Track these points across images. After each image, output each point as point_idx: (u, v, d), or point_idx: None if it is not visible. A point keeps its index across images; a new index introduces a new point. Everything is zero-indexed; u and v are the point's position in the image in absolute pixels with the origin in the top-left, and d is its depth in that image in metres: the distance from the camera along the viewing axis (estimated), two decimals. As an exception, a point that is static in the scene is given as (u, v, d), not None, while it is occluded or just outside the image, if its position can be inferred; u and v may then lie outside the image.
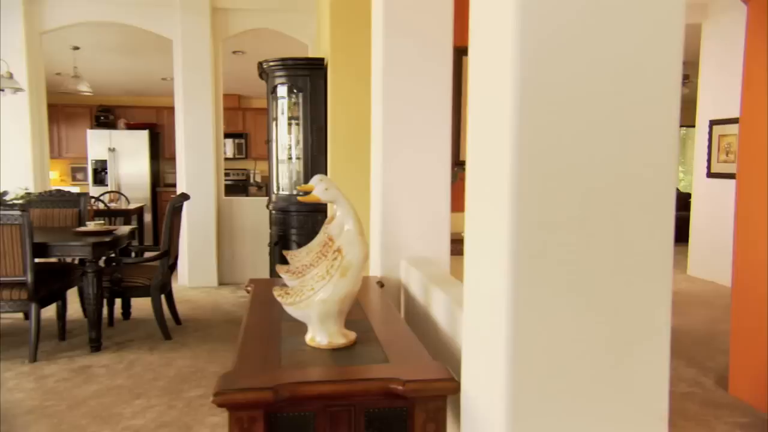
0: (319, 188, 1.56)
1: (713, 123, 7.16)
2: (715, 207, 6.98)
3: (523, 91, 1.04)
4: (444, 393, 1.35)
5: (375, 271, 2.60)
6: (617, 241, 1.09)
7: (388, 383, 1.33)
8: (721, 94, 6.97)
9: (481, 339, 1.25)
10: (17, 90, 4.82)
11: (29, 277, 4.02)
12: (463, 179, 4.94)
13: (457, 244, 2.93)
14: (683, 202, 8.58)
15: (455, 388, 1.36)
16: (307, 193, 1.61)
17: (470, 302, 1.32)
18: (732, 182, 6.45)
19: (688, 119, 7.99)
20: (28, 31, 5.91)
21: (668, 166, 1.11)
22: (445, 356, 1.81)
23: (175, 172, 6.87)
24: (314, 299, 1.50)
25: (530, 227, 1.07)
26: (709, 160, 7.28)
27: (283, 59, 5.09)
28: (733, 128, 6.76)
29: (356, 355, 1.52)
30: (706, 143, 7.29)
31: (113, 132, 9.79)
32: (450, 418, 1.48)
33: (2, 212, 3.93)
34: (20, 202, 4.55)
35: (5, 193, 4.60)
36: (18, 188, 5.50)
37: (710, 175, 7.27)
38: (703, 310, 5.60)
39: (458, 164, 4.59)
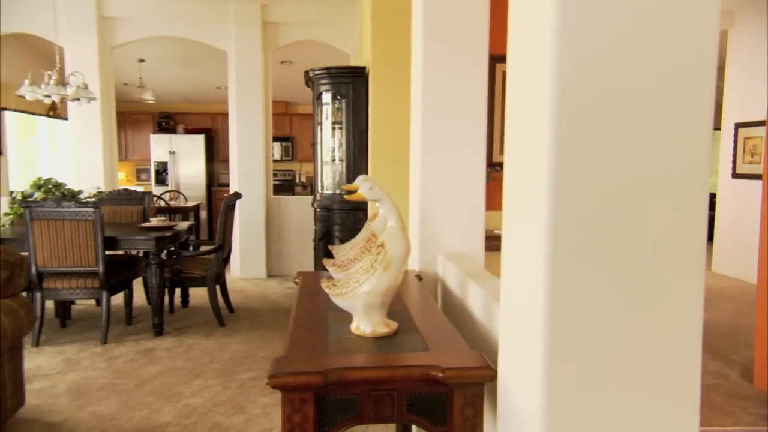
0: (364, 187, 1.56)
1: (738, 126, 6.94)
2: (740, 206, 6.79)
3: (561, 94, 1.02)
4: (481, 380, 1.34)
5: (414, 265, 2.59)
6: (652, 238, 1.06)
7: (428, 370, 1.32)
8: (746, 97, 6.77)
9: (518, 331, 1.23)
10: (91, 99, 4.96)
11: (101, 268, 4.12)
12: (496, 179, 4.92)
13: (490, 241, 2.91)
14: (709, 201, 8.30)
15: (492, 376, 1.34)
16: (352, 192, 1.61)
17: (507, 296, 1.30)
18: (756, 183, 6.27)
19: (713, 122, 7.74)
20: (101, 46, 6.07)
21: (701, 168, 1.07)
22: (481, 346, 1.79)
23: (228, 173, 6.96)
24: (359, 291, 1.50)
25: (567, 225, 1.04)
26: (734, 162, 7.06)
27: (327, 68, 5.10)
28: (758, 131, 6.57)
29: (398, 343, 1.51)
30: (732, 145, 7.07)
31: (173, 136, 9.92)
32: (487, 404, 1.46)
33: (78, 209, 4.04)
34: (93, 200, 4.67)
35: (80, 191, 4.73)
36: (91, 187, 5.66)
37: (735, 175, 7.05)
38: (728, 305, 5.41)
39: (491, 165, 4.54)
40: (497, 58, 2.73)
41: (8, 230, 4.42)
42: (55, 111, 8.02)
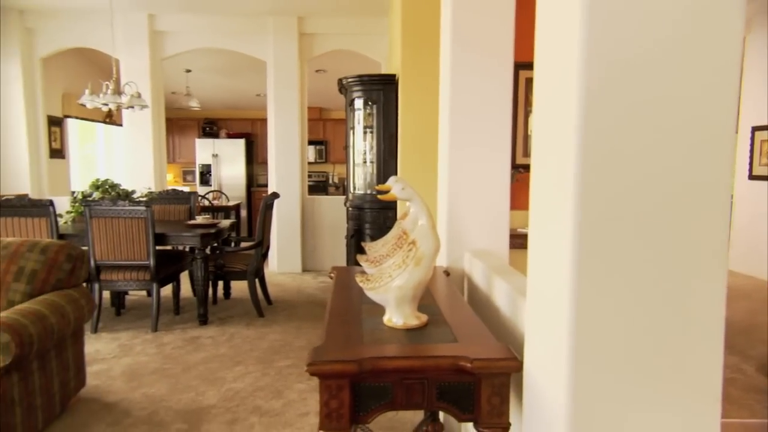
0: (396, 188, 1.56)
1: (755, 129, 6.74)
2: (755, 207, 6.61)
3: (587, 96, 1.00)
4: (508, 371, 1.33)
5: (441, 261, 2.58)
6: (676, 236, 1.04)
7: (457, 360, 1.32)
8: (762, 101, 6.56)
9: (544, 325, 1.22)
10: (143, 107, 5.06)
11: (151, 261, 4.18)
12: (519, 180, 4.84)
13: (514, 239, 2.88)
14: (726, 202, 8.09)
15: (518, 367, 1.33)
16: (385, 192, 1.61)
17: (534, 292, 1.28)
18: (773, 184, 6.08)
19: (730, 124, 7.55)
20: (152, 58, 6.19)
21: (724, 171, 1.04)
22: (506, 338, 1.78)
23: (266, 174, 7.02)
24: (392, 285, 1.50)
25: (592, 224, 1.03)
26: (750, 164, 6.85)
27: (360, 76, 5.11)
28: (774, 134, 6.37)
29: (428, 335, 1.51)
30: (748, 147, 6.87)
31: (216, 140, 9.99)
32: (512, 393, 1.45)
33: (132, 208, 4.11)
34: (144, 199, 4.76)
35: (133, 191, 4.82)
36: (143, 188, 5.78)
37: (751, 177, 6.85)
38: (743, 302, 5.24)
39: (514, 167, 4.49)
40: (520, 65, 2.71)
41: (70, 227, 4.53)
42: (111, 118, 8.22)
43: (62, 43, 6.21)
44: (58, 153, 6.73)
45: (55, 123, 6.67)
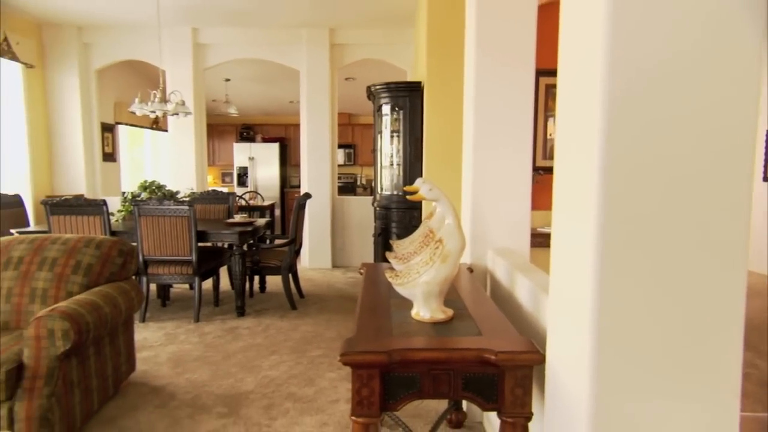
0: (424, 189, 1.56)
1: (772, 132, 6.52)
2: (769, 208, 6.41)
3: (611, 104, 0.99)
4: (531, 363, 1.31)
5: (465, 259, 2.57)
6: (696, 236, 1.01)
7: (482, 353, 1.31)
8: (778, 105, 6.34)
9: (567, 321, 1.20)
10: (187, 114, 5.15)
11: (194, 257, 4.23)
12: (539, 182, 4.76)
13: (534, 238, 2.85)
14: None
15: (540, 360, 1.32)
16: (413, 192, 1.61)
17: (557, 289, 1.27)
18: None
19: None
20: (195, 68, 6.29)
21: (743, 173, 1.01)
22: (528, 332, 1.76)
23: (298, 176, 7.08)
24: (419, 281, 1.50)
25: (614, 224, 1.01)
26: (765, 166, 6.63)
27: (387, 83, 5.11)
28: (788, 136, 6.15)
29: (454, 328, 1.51)
30: (763, 150, 6.64)
31: (252, 144, 10.07)
32: (535, 385, 1.44)
33: (176, 207, 4.16)
34: (187, 199, 4.82)
35: (177, 192, 4.89)
36: (186, 188, 5.89)
37: (765, 179, 6.63)
38: (757, 300, 5.04)
39: (534, 169, 4.43)
40: (540, 72, 2.68)
41: (120, 224, 4.63)
42: (157, 124, 8.41)
43: (115, 56, 6.36)
44: (110, 157, 6.90)
45: (108, 129, 6.84)
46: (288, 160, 10.57)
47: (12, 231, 4.53)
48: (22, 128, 5.81)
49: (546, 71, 3.95)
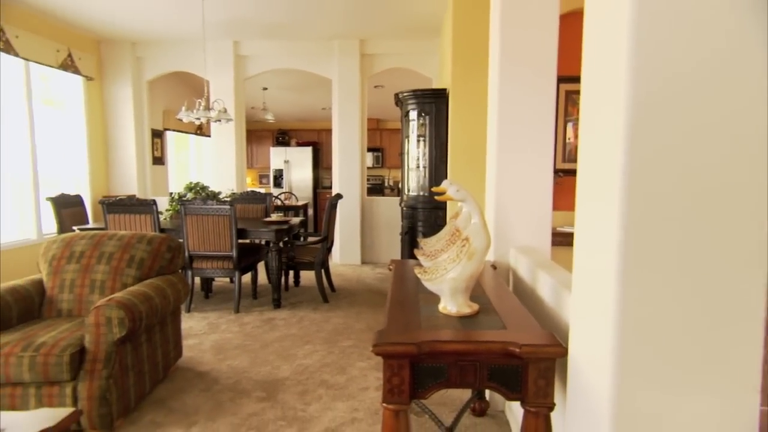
0: (451, 190, 1.56)
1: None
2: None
3: (635, 108, 0.97)
4: (553, 356, 1.30)
5: (489, 256, 2.54)
6: (718, 234, 0.98)
7: (507, 346, 1.30)
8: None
9: (589, 316, 1.18)
10: (228, 120, 5.24)
11: (234, 253, 4.29)
12: (559, 183, 4.67)
13: (555, 237, 2.80)
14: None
15: (563, 353, 1.30)
16: (441, 193, 1.61)
17: (580, 286, 1.25)
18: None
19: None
20: (236, 78, 6.39)
21: (763, 174, 0.98)
22: (550, 327, 1.74)
23: (330, 178, 7.13)
24: (447, 277, 1.50)
25: (637, 224, 0.99)
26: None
27: (414, 91, 5.10)
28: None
29: (479, 322, 1.50)
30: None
31: (287, 148, 10.17)
32: (557, 376, 1.42)
33: (218, 206, 4.23)
34: (228, 199, 4.90)
35: (219, 193, 4.96)
36: (227, 189, 6.00)
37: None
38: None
39: (554, 171, 4.36)
40: (560, 78, 2.63)
41: (168, 222, 4.73)
42: (201, 130, 8.59)
43: (164, 68, 6.52)
44: (158, 160, 7.08)
45: (157, 135, 7.02)
46: (320, 162, 10.65)
47: (74, 228, 4.70)
48: (82, 135, 6.02)
49: (566, 78, 3.89)
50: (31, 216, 5.33)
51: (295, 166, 10.12)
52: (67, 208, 5.18)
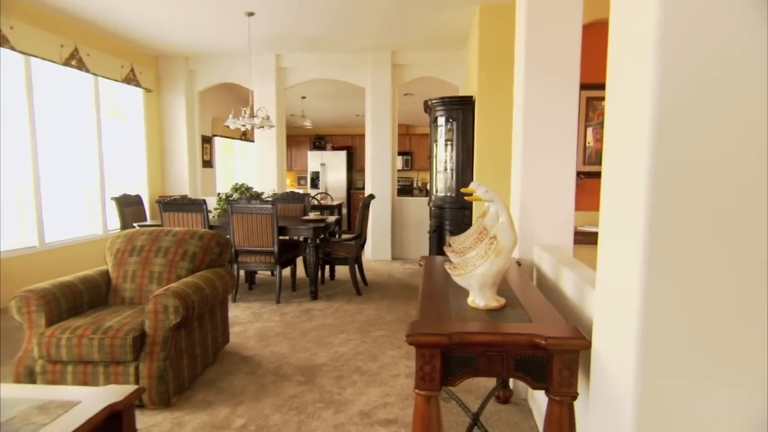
0: (480, 191, 1.55)
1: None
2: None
3: (660, 113, 0.94)
4: (577, 348, 1.28)
5: (513, 254, 2.52)
6: (738, 235, 0.95)
7: (533, 338, 1.29)
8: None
9: (613, 312, 1.16)
10: (270, 127, 5.33)
11: (275, 248, 4.33)
12: (579, 185, 4.57)
13: (576, 236, 2.75)
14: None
15: (586, 345, 1.28)
16: (470, 194, 1.60)
17: (604, 282, 1.22)
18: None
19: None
20: (278, 88, 6.49)
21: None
22: (572, 321, 1.71)
23: (363, 179, 7.15)
24: (476, 272, 1.49)
25: (662, 224, 0.96)
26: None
27: (442, 98, 5.07)
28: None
29: (506, 315, 1.49)
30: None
31: (323, 152, 10.26)
32: (580, 367, 1.39)
33: (261, 206, 4.29)
34: (270, 199, 4.98)
35: (262, 193, 5.03)
36: (269, 190, 6.10)
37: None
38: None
39: (576, 174, 4.27)
40: (582, 85, 2.57)
41: (216, 220, 4.83)
42: (245, 136, 8.77)
43: (213, 79, 6.68)
44: (207, 163, 7.27)
45: (206, 141, 7.21)
46: (354, 165, 10.71)
47: (134, 225, 4.88)
48: (141, 141, 6.24)
49: (587, 85, 3.81)
50: (98, 214, 5.56)
51: (331, 169, 10.20)
52: (129, 206, 5.38)
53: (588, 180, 4.44)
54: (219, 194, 5.15)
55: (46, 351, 2.39)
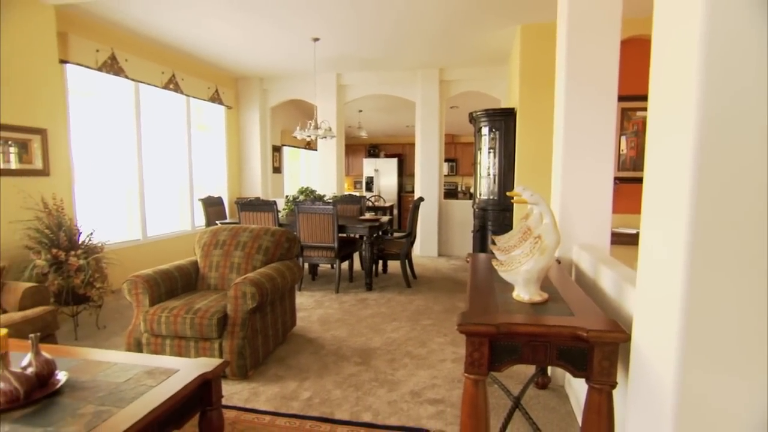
0: (526, 194, 1.53)
1: None
2: None
3: (705, 120, 0.90)
4: (617, 341, 1.24)
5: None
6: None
7: (575, 330, 1.26)
8: None
9: (654, 309, 1.11)
10: (332, 137, 5.46)
11: (335, 244, 4.41)
12: (615, 189, 4.36)
13: (612, 236, 2.63)
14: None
15: (626, 338, 1.24)
16: (516, 197, 1.58)
17: (645, 281, 1.18)
18: None
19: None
20: (338, 103, 6.62)
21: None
22: (611, 315, 1.65)
23: (412, 183, 7.14)
24: (521, 269, 1.48)
25: (706, 225, 0.92)
26: None
27: (486, 110, 4.99)
28: None
29: (549, 309, 1.46)
30: None
31: (377, 159, 10.34)
32: (620, 359, 1.35)
33: (323, 206, 4.38)
34: (331, 201, 5.10)
35: (324, 195, 5.14)
36: (330, 193, 6.25)
37: None
38: None
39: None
40: (618, 97, 2.47)
41: (285, 218, 4.96)
42: (309, 145, 9.03)
43: (283, 96, 6.93)
44: (277, 170, 7.54)
45: (276, 150, 7.49)
46: (404, 171, 10.72)
47: (216, 222, 5.16)
48: (222, 151, 6.59)
49: (622, 97, 3.66)
50: (188, 212, 5.94)
51: (383, 174, 10.27)
52: (212, 206, 5.70)
53: (622, 185, 4.24)
54: (287, 196, 5.28)
55: (150, 326, 2.59)
